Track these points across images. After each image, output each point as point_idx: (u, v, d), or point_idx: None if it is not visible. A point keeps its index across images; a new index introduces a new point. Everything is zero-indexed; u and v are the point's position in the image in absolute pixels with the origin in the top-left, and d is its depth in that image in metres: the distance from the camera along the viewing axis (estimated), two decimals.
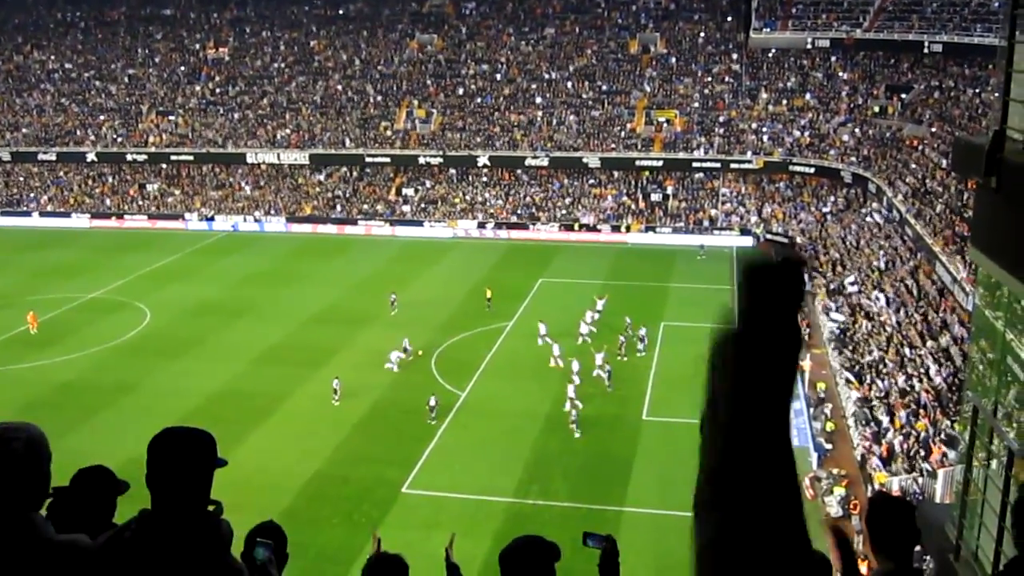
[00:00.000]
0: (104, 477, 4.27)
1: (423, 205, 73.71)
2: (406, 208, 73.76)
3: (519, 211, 71.48)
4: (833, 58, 75.02)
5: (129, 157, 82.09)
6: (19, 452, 3.02)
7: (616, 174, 72.82)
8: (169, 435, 3.11)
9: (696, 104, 74.88)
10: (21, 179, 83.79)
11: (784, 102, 73.00)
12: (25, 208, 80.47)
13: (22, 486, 3.03)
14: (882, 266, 48.93)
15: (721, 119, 73.01)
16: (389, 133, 78.22)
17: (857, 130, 67.80)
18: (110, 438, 35.29)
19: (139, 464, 3.12)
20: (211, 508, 3.14)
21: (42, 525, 3.08)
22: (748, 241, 64.39)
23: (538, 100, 78.23)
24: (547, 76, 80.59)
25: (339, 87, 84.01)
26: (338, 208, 74.84)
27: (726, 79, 76.58)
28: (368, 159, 77.10)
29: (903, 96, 68.98)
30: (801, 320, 40.73)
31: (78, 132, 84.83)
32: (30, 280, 59.84)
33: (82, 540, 3.11)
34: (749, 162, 69.06)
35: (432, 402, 36.71)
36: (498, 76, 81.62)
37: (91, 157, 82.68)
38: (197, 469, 3.06)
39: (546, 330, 44.57)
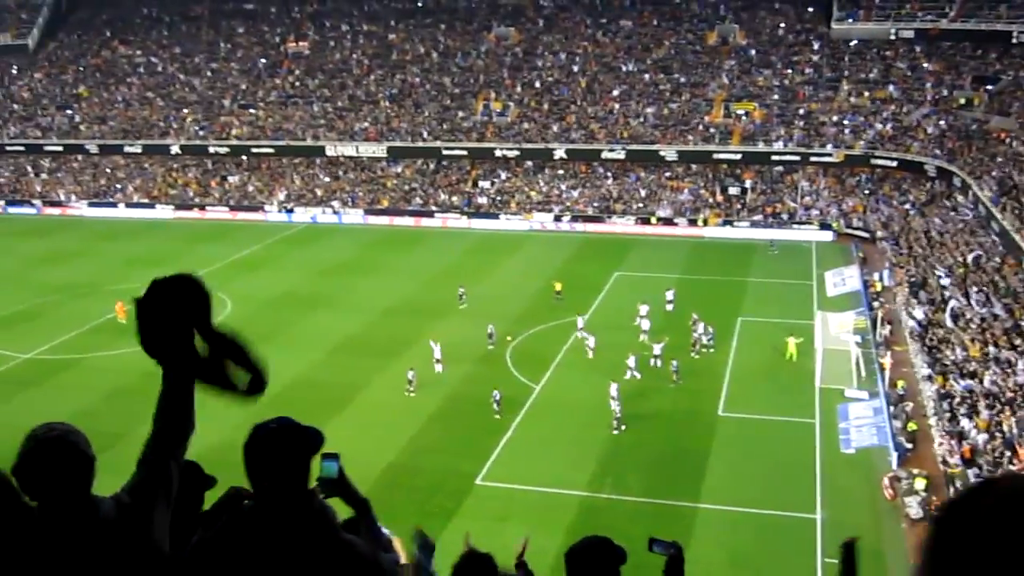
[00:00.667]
0: (193, 472, 4.32)
1: (499, 198, 73.85)
2: (482, 200, 73.97)
3: (595, 204, 71.21)
4: (917, 48, 73.33)
5: (211, 149, 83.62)
6: (82, 446, 3.14)
7: (693, 167, 72.13)
8: (271, 429, 3.22)
9: (775, 96, 73.79)
10: (108, 171, 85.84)
11: (866, 94, 71.55)
12: (112, 199, 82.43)
13: (90, 475, 3.09)
14: (967, 262, 47.78)
15: (801, 111, 71.84)
16: (466, 125, 78.47)
17: (942, 122, 66.18)
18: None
19: (221, 451, 3.22)
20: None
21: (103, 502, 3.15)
22: (828, 235, 63.36)
23: (615, 92, 77.80)
24: (624, 68, 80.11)
25: (417, 80, 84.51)
26: (415, 200, 75.34)
27: (806, 70, 75.32)
28: (445, 151, 77.46)
29: (989, 87, 67.19)
30: (883, 317, 39.94)
31: (162, 125, 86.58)
32: (116, 269, 61.30)
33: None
34: (829, 155, 67.84)
35: (496, 396, 36.80)
36: (575, 68, 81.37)
37: (175, 149, 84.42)
38: (299, 458, 3.16)
39: (583, 323, 45.07)
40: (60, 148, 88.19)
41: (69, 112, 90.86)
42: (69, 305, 53.76)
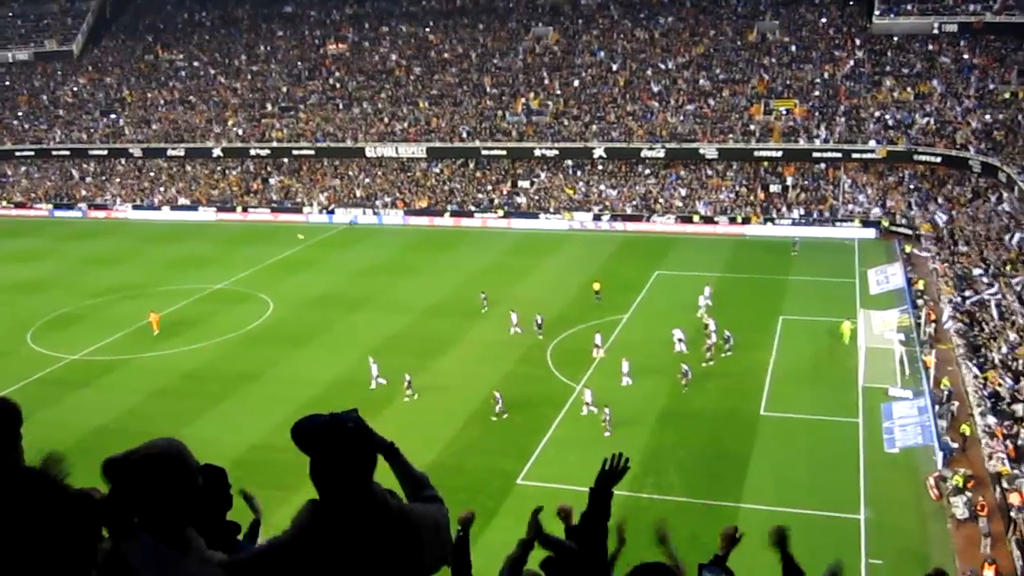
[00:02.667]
0: (218, 478, 4.26)
1: (538, 197, 73.83)
2: (521, 200, 74.00)
3: (635, 203, 71.01)
4: (961, 42, 72.36)
5: (252, 152, 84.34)
6: (194, 466, 3.12)
7: (734, 165, 71.71)
8: (342, 428, 3.20)
9: (816, 92, 73.10)
10: (151, 174, 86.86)
11: (909, 89, 70.69)
12: (155, 202, 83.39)
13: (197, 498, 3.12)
14: (1013, 258, 47.12)
15: (843, 107, 71.16)
16: (505, 125, 78.54)
17: (987, 117, 65.27)
18: (234, 425, 36.42)
19: (262, 450, 3.31)
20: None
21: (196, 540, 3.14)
22: (871, 232, 62.76)
23: (654, 90, 77.50)
24: (663, 66, 79.78)
25: (455, 80, 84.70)
26: (455, 201, 75.52)
27: (848, 66, 74.57)
28: (484, 151, 77.58)
29: None
30: (928, 312, 39.46)
31: (204, 128, 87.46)
32: (160, 271, 62.05)
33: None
34: (872, 151, 67.12)
35: (498, 396, 36.95)
36: (614, 66, 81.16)
37: (217, 152, 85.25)
38: (364, 457, 3.20)
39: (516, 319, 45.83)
40: (104, 152, 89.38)
41: (113, 116, 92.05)
42: (115, 307, 54.47)
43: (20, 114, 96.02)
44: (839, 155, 68.39)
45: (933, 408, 34.85)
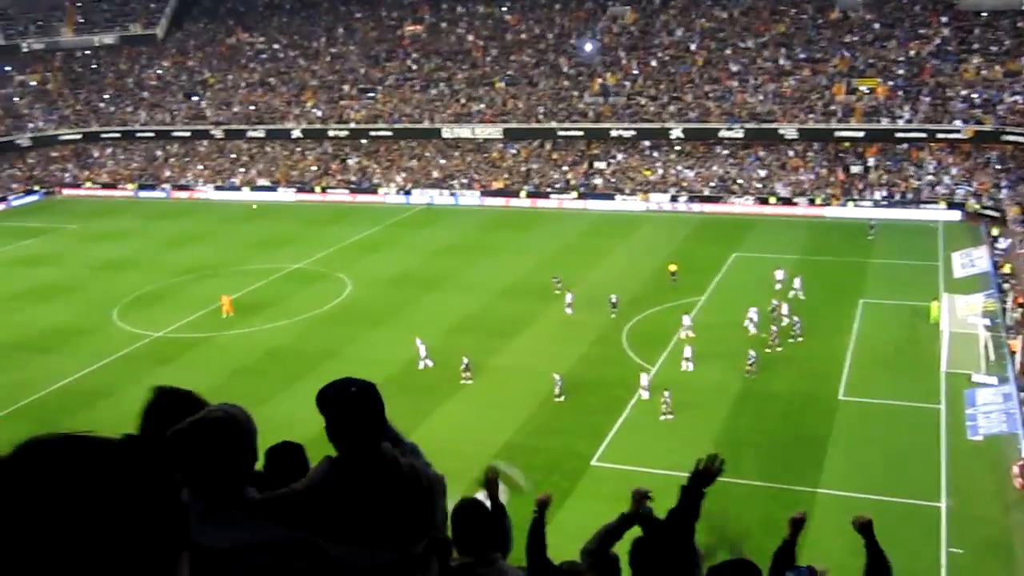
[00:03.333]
0: (296, 455, 4.42)
1: (614, 179, 73.45)
2: (598, 181, 73.69)
3: (712, 184, 70.26)
4: None
5: (331, 133, 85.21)
6: (247, 430, 3.31)
7: (814, 145, 70.49)
8: (343, 391, 3.47)
9: (900, 71, 71.41)
10: (232, 155, 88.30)
11: (997, 67, 68.66)
12: (236, 183, 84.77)
13: (248, 460, 3.33)
14: None
15: (927, 86, 69.43)
16: (581, 106, 78.20)
17: None
18: (311, 404, 36.81)
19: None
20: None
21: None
22: (956, 215, 61.30)
23: (733, 69, 76.47)
24: (742, 44, 78.65)
25: (532, 60, 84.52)
26: (531, 182, 75.49)
27: (933, 43, 72.69)
28: (560, 132, 77.36)
29: None
30: (1015, 297, 38.42)
31: (284, 109, 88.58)
32: (240, 251, 63.13)
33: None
34: (957, 131, 65.43)
35: (465, 362, 38.51)
36: (692, 46, 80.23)
37: (296, 133, 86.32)
38: (369, 418, 3.44)
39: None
40: (187, 134, 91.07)
41: (195, 98, 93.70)
42: (197, 286, 55.58)
43: (106, 97, 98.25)
44: (923, 135, 66.79)
45: (1019, 395, 34.02)
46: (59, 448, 1.48)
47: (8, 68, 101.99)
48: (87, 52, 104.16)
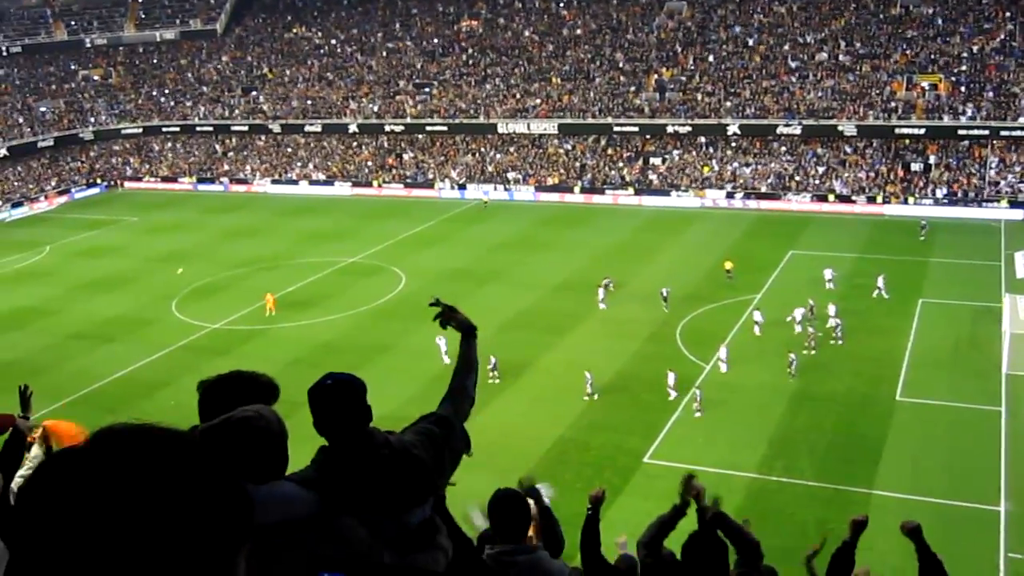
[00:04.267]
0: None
1: (670, 175, 73.01)
2: (653, 177, 73.32)
3: (769, 181, 69.55)
4: None
5: (387, 128, 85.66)
6: (277, 431, 3.37)
7: (874, 142, 69.50)
8: (323, 386, 3.72)
9: (963, 67, 70.14)
10: (290, 150, 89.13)
11: None
12: (293, 177, 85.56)
13: (278, 461, 3.39)
14: None
15: (991, 82, 68.13)
16: (638, 102, 77.83)
17: None
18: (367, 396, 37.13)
19: (391, 421, 3.48)
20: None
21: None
22: (1018, 214, 60.11)
23: (792, 65, 75.62)
24: (801, 40, 77.75)
25: (588, 56, 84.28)
26: (585, 177, 75.30)
27: (998, 38, 71.28)
28: (616, 128, 77.07)
29: None
30: None
31: (340, 104, 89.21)
32: (297, 244, 63.74)
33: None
34: (1021, 128, 64.14)
35: (493, 361, 37.88)
36: (750, 41, 79.49)
37: (352, 128, 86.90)
38: (352, 405, 3.62)
39: (604, 294, 46.93)
40: (245, 128, 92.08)
41: (253, 93, 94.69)
42: (254, 278, 56.20)
43: (167, 91, 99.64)
44: (986, 132, 65.56)
45: None
46: (134, 439, 1.50)
47: (72, 63, 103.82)
48: (149, 47, 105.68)
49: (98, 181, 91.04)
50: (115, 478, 1.41)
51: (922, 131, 67.41)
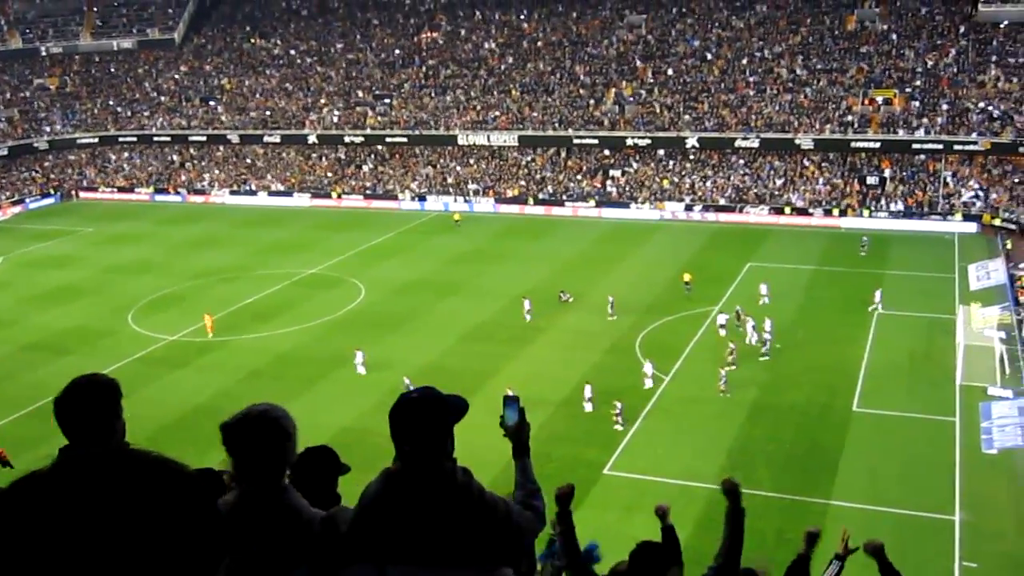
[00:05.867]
0: (328, 458, 4.47)
1: (629, 187, 73.39)
2: (613, 189, 73.65)
3: (728, 193, 70.11)
4: None
5: (346, 139, 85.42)
6: (289, 429, 3.38)
7: (831, 155, 70.32)
8: (413, 398, 3.42)
9: (917, 82, 71.21)
10: (248, 160, 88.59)
11: (1015, 79, 68.42)
12: (252, 187, 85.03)
13: (288, 458, 3.45)
14: None
15: (945, 97, 69.19)
16: (597, 114, 78.22)
17: None
18: (326, 408, 36.97)
19: (353, 432, 3.48)
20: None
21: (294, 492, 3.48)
22: (971, 227, 61.02)
23: (750, 79, 76.39)
24: (759, 54, 78.58)
25: (548, 68, 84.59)
26: (545, 190, 75.50)
27: (951, 55, 72.47)
28: (576, 140, 77.39)
29: None
30: None
31: (300, 115, 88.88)
32: (256, 256, 63.31)
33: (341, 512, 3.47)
34: (975, 143, 65.20)
35: (407, 382, 36.94)
36: (708, 55, 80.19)
37: (312, 139, 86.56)
38: (439, 426, 3.37)
39: (529, 305, 47.09)
40: (203, 138, 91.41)
41: (212, 103, 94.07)
42: (212, 290, 55.76)
43: (124, 101, 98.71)
44: (940, 147, 66.57)
45: None
46: (99, 462, 1.49)
47: (27, 71, 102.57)
48: (105, 56, 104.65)
49: (53, 191, 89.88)
50: (82, 503, 1.39)
51: (877, 145, 68.33)
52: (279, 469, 3.47)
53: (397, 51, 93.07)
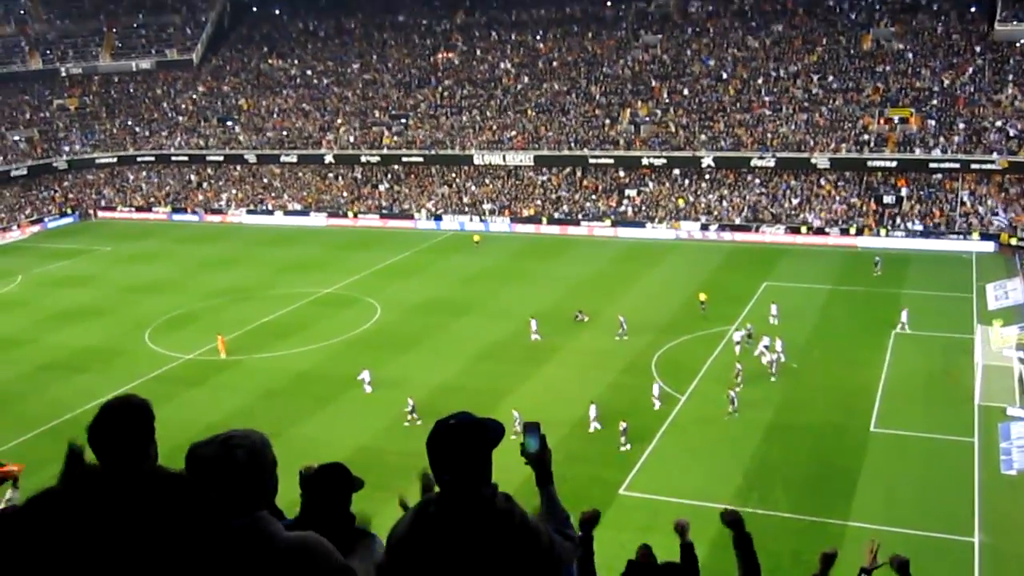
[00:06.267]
0: (341, 474, 4.43)
1: (645, 206, 73.37)
2: (628, 209, 73.65)
3: (744, 213, 70.02)
4: None
5: (363, 159, 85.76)
6: (242, 460, 3.21)
7: (847, 174, 70.17)
8: (450, 425, 3.36)
9: (934, 101, 71.05)
10: (265, 180, 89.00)
11: None
12: (268, 207, 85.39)
13: (245, 490, 3.20)
14: None
15: (962, 117, 69.00)
16: (613, 134, 78.31)
17: None
18: (341, 427, 37.01)
19: (368, 452, 3.43)
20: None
21: (269, 523, 3.25)
22: (989, 246, 60.72)
23: (765, 98, 76.36)
24: (775, 73, 78.57)
25: (564, 88, 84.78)
26: (561, 209, 75.56)
27: (967, 74, 72.30)
28: (592, 160, 77.46)
29: None
30: None
31: (317, 135, 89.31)
32: (272, 275, 63.50)
33: (310, 537, 3.27)
34: (992, 162, 64.97)
35: (410, 403, 36.71)
36: (724, 74, 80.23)
37: (328, 159, 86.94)
38: (478, 453, 3.33)
39: (536, 326, 46.94)
40: (221, 158, 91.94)
41: (229, 123, 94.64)
42: (229, 309, 55.93)
43: (142, 121, 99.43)
44: (957, 166, 66.37)
45: None
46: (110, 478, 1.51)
47: (47, 92, 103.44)
48: (124, 77, 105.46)
49: (71, 210, 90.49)
50: (92, 521, 1.40)
51: (894, 164, 68.16)
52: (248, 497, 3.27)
53: (413, 71, 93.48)
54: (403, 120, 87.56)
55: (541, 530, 3.39)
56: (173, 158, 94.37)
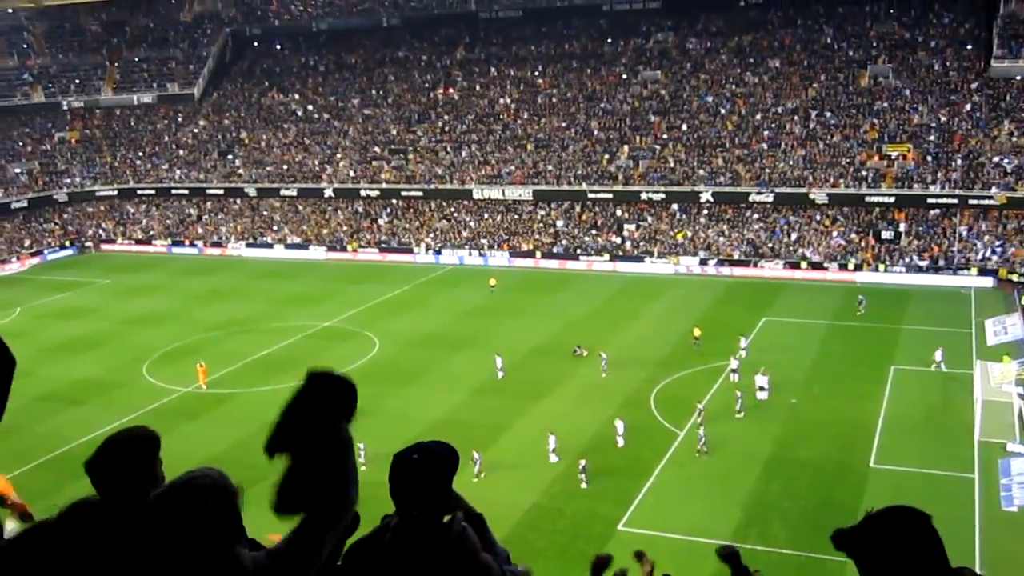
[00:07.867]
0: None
1: (644, 241, 73.52)
2: (627, 244, 73.79)
3: (742, 248, 70.16)
4: None
5: (363, 193, 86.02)
6: (209, 501, 3.19)
7: (845, 210, 70.38)
8: (406, 457, 3.41)
9: (931, 137, 71.40)
10: (265, 213, 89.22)
11: None
12: (268, 240, 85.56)
13: (216, 528, 3.18)
14: None
15: (959, 152, 69.31)
16: (612, 169, 78.60)
17: None
18: None
19: (368, 487, 3.32)
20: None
21: (242, 556, 3.20)
22: (988, 281, 60.82)
23: (764, 134, 76.71)
24: (773, 110, 78.97)
25: (563, 124, 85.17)
26: (559, 244, 75.71)
27: (964, 110, 72.69)
28: (591, 195, 77.69)
29: None
30: None
31: (316, 169, 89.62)
32: (271, 308, 63.52)
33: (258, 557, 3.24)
34: (990, 198, 65.20)
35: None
36: (722, 110, 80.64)
37: (328, 193, 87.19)
38: (435, 484, 3.35)
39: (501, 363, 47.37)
40: (221, 191, 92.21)
41: (230, 157, 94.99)
42: (227, 341, 55.90)
43: (143, 154, 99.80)
44: (955, 201, 66.58)
45: None
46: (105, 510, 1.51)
47: (48, 125, 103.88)
48: (126, 110, 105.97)
49: (71, 243, 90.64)
50: (84, 553, 1.41)
51: (892, 199, 68.38)
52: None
53: (413, 106, 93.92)
54: (403, 155, 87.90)
55: (491, 568, 3.35)
56: (173, 191, 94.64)
